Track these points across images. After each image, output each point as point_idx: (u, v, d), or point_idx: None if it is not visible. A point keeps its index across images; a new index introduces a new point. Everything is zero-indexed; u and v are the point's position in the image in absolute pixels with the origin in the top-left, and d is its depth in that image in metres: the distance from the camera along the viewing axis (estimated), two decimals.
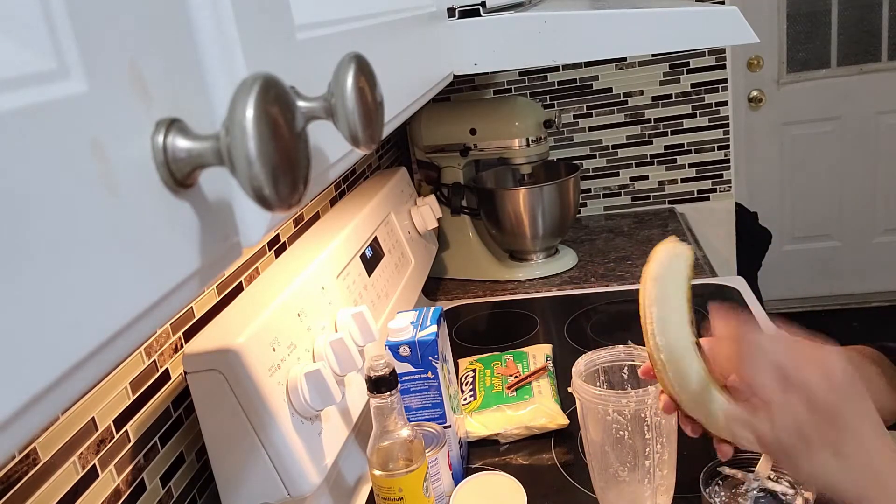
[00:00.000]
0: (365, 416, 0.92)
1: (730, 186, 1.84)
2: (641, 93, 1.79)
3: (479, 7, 0.81)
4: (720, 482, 0.77)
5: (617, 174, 1.86)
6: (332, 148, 0.37)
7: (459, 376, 1.09)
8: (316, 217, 1.18)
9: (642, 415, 0.72)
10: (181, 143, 0.24)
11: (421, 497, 0.74)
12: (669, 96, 1.79)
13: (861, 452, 0.54)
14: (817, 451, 0.54)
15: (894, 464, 0.54)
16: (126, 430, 0.68)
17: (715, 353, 0.61)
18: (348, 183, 1.35)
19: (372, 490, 0.79)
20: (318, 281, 0.89)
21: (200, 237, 0.26)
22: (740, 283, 1.33)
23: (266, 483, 0.74)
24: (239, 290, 0.91)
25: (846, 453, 0.54)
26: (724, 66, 1.76)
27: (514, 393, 1.01)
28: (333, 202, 1.26)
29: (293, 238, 1.09)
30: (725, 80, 1.77)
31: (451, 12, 0.80)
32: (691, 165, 1.83)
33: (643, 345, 0.81)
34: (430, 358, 0.84)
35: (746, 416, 0.57)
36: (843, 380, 0.54)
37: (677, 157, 1.83)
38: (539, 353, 1.11)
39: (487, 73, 1.81)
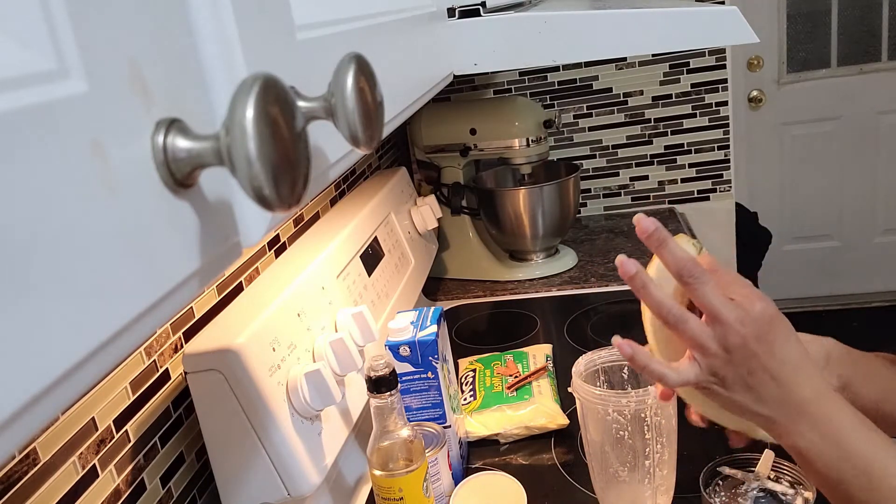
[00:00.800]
0: (365, 416, 0.92)
1: (730, 186, 1.84)
2: (641, 93, 1.79)
3: (479, 7, 0.81)
4: (720, 482, 0.77)
5: (617, 174, 1.86)
6: (332, 148, 0.37)
7: (459, 376, 1.09)
8: (316, 217, 1.18)
9: (642, 415, 0.72)
10: (181, 143, 0.24)
11: (421, 497, 0.74)
12: (669, 96, 1.79)
13: (772, 384, 0.56)
14: (731, 387, 0.57)
15: (807, 389, 0.56)
16: (126, 430, 0.68)
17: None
18: (348, 183, 1.35)
19: (372, 490, 0.79)
20: (318, 281, 0.89)
21: (200, 237, 0.26)
22: None
23: (266, 483, 0.74)
24: (239, 290, 0.91)
25: (756, 386, 0.56)
26: (724, 66, 1.76)
27: (514, 393, 1.01)
28: (333, 202, 1.26)
29: (293, 238, 1.09)
30: (725, 80, 1.77)
31: (451, 12, 0.81)
32: (691, 165, 1.83)
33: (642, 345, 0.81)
34: (430, 358, 0.84)
35: (681, 368, 0.58)
36: (760, 317, 0.56)
37: (677, 157, 1.83)
38: (539, 353, 1.11)
39: (487, 73, 1.81)
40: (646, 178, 1.85)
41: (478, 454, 0.96)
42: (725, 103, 1.78)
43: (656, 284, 0.58)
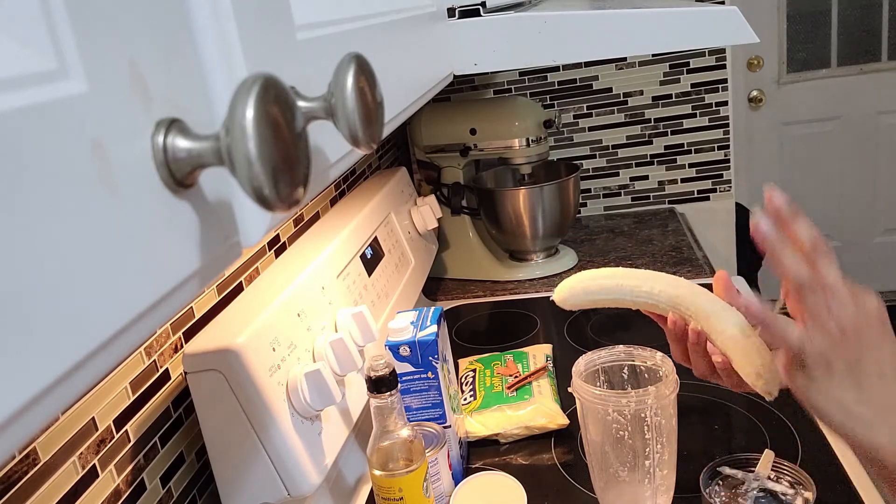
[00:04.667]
0: (365, 416, 0.92)
1: (730, 186, 1.84)
2: (641, 93, 1.79)
3: (479, 7, 0.81)
4: (720, 482, 0.77)
5: (617, 174, 1.86)
6: (332, 148, 0.37)
7: (459, 376, 1.09)
8: (316, 217, 1.18)
9: (642, 415, 0.72)
10: (181, 143, 0.24)
11: (421, 497, 0.74)
12: (669, 96, 1.79)
13: (879, 384, 0.54)
14: (836, 375, 0.54)
15: None
16: (126, 430, 0.68)
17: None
18: (348, 183, 1.35)
19: (372, 490, 0.79)
20: (318, 281, 0.89)
21: (200, 237, 0.26)
22: (740, 283, 1.33)
23: (266, 483, 0.74)
24: (239, 290, 0.91)
25: (863, 381, 0.54)
26: (724, 66, 1.76)
27: (514, 393, 1.01)
28: (333, 202, 1.26)
29: (293, 238, 1.09)
30: (725, 80, 1.77)
31: (451, 12, 0.80)
32: (691, 165, 1.83)
33: (642, 345, 0.81)
34: (431, 358, 0.84)
35: (781, 323, 0.56)
36: (876, 313, 0.55)
37: (677, 157, 1.83)
38: (539, 353, 1.11)
39: (487, 73, 1.81)
40: (646, 178, 1.85)
41: (478, 454, 0.96)
42: (725, 103, 1.78)
43: (790, 250, 0.56)
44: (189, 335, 0.80)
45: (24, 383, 0.18)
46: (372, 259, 1.09)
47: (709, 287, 0.65)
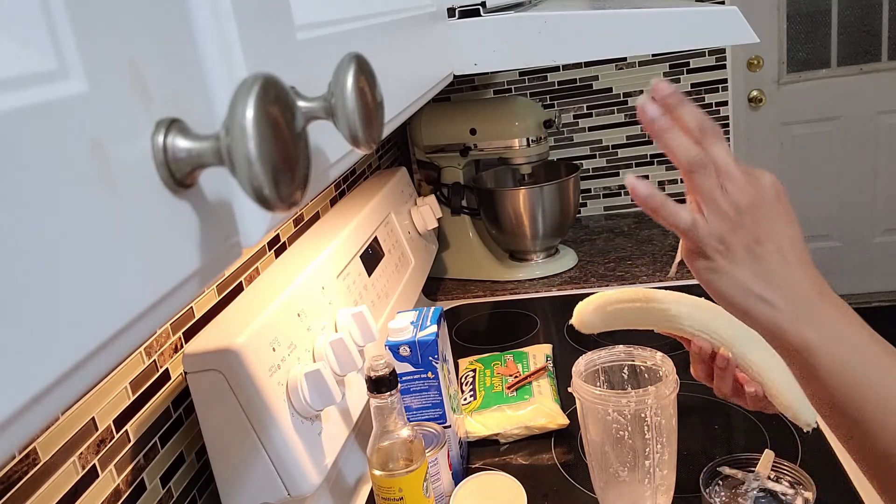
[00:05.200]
0: (365, 416, 0.92)
1: None
2: (641, 93, 1.79)
3: (479, 7, 0.81)
4: (720, 482, 0.77)
5: (617, 174, 1.86)
6: (332, 148, 0.37)
7: (459, 376, 1.09)
8: (316, 217, 1.18)
9: (642, 415, 0.72)
10: (181, 143, 0.24)
11: (421, 497, 0.74)
12: None
13: (780, 265, 0.52)
14: (735, 258, 0.53)
15: (807, 271, 0.53)
16: (126, 430, 0.68)
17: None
18: (348, 183, 1.35)
19: (372, 490, 0.79)
20: (318, 281, 0.89)
21: (200, 237, 0.26)
22: None
23: (266, 483, 0.74)
24: (239, 290, 0.91)
25: (764, 262, 0.52)
26: (724, 66, 1.76)
27: (514, 393, 1.01)
28: (333, 202, 1.26)
29: (293, 238, 1.09)
30: (725, 80, 1.77)
31: (451, 12, 0.80)
32: None
33: (642, 345, 0.81)
34: (430, 358, 0.84)
35: (684, 217, 0.54)
36: (772, 189, 0.54)
37: None
38: (539, 353, 1.11)
39: (487, 73, 1.81)
40: (646, 178, 1.84)
41: (478, 454, 0.96)
42: (725, 103, 1.78)
43: (679, 131, 0.54)
44: (189, 335, 0.80)
45: (24, 383, 0.18)
46: (372, 259, 1.09)
47: None
